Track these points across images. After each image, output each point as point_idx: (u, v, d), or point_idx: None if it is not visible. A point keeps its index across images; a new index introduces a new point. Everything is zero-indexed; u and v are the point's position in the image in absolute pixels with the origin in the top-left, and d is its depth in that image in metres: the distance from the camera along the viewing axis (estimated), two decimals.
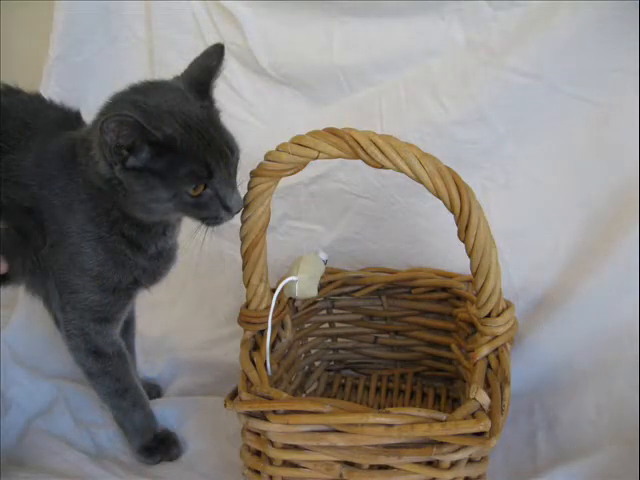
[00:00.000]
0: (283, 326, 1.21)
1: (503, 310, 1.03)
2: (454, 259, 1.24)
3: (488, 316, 1.02)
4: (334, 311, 1.41)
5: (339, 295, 1.39)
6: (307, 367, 1.39)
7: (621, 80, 1.31)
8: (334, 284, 1.37)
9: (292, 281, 1.14)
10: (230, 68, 1.55)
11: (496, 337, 1.04)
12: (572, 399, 1.32)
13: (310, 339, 1.40)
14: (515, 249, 1.39)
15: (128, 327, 1.33)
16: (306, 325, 1.38)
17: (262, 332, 1.15)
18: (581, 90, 1.35)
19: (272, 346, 1.15)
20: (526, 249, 1.42)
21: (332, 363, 1.44)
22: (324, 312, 1.40)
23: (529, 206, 1.43)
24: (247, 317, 1.14)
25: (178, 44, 1.57)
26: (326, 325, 1.42)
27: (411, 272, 1.39)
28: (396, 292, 1.38)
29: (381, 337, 1.42)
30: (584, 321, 1.35)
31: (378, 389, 1.40)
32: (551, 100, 1.36)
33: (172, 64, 1.44)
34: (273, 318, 1.15)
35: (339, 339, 1.43)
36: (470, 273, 1.22)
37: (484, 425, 0.92)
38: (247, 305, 1.15)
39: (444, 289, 1.37)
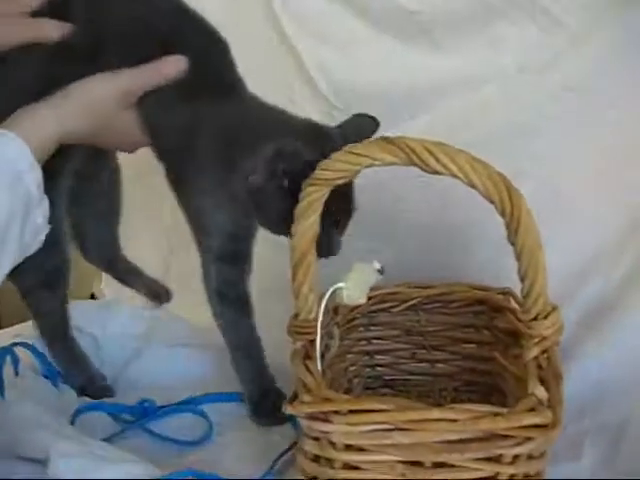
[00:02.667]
0: (331, 336, 1.22)
1: (549, 312, 1.05)
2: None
3: (535, 319, 1.04)
4: (372, 327, 1.43)
5: (377, 312, 1.41)
6: (346, 384, 1.40)
7: None
8: (372, 300, 1.38)
9: (339, 288, 1.15)
10: (299, 91, 1.68)
11: (544, 339, 1.05)
12: (620, 406, 1.33)
13: (348, 356, 1.41)
14: (564, 257, 1.42)
15: None
16: (345, 342, 1.39)
17: (312, 342, 1.16)
18: (627, 105, 1.41)
19: (322, 356, 1.16)
20: (573, 257, 1.47)
21: (370, 380, 1.45)
22: (362, 329, 1.42)
23: (577, 214, 1.48)
24: (297, 327, 1.16)
25: None
26: (364, 342, 1.43)
27: (447, 286, 1.41)
28: (433, 307, 1.40)
29: (419, 352, 1.43)
30: (631, 327, 1.38)
31: None
32: (596, 116, 1.42)
33: None
34: (322, 328, 1.17)
35: (377, 356, 1.45)
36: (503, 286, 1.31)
37: (546, 416, 0.94)
38: (297, 315, 1.16)
39: (480, 302, 1.39)
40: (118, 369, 1.59)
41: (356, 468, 1.02)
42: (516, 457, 0.99)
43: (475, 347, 1.42)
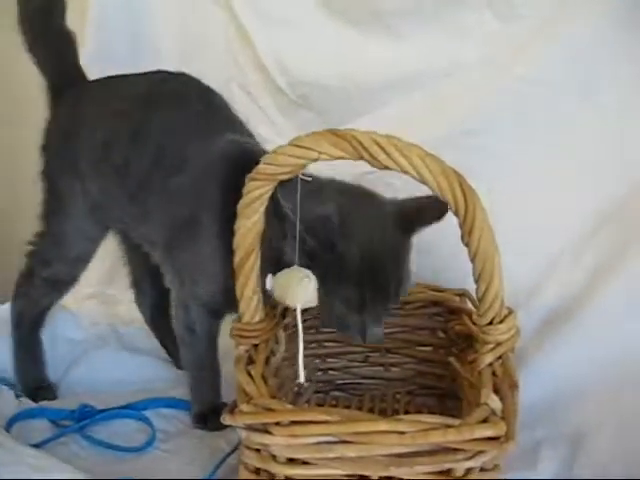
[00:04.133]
0: (277, 340, 1.16)
1: (505, 317, 1.00)
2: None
3: (490, 323, 0.99)
4: (323, 330, 1.36)
5: None
6: (296, 388, 1.33)
7: (631, 87, 1.31)
8: None
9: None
10: (254, 83, 1.56)
11: (499, 344, 1.00)
12: (577, 411, 1.28)
13: None
14: (521, 260, 1.38)
15: None
16: (294, 345, 1.32)
17: (256, 346, 1.10)
18: (590, 97, 1.37)
19: (266, 361, 1.10)
20: (532, 260, 1.42)
21: (321, 384, 1.40)
22: (313, 331, 1.36)
23: (537, 216, 1.43)
24: (241, 331, 1.10)
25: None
26: (315, 345, 1.37)
27: None
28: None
29: (372, 355, 1.38)
30: (590, 333, 1.34)
31: (371, 410, 1.34)
32: (559, 107, 1.38)
33: None
34: (266, 332, 1.11)
35: (328, 359, 1.40)
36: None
37: (499, 428, 0.88)
38: (240, 318, 1.09)
39: (436, 303, 1.34)
40: (60, 373, 1.54)
41: None
42: (468, 470, 0.94)
43: (430, 350, 1.38)
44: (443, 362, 1.32)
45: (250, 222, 1.03)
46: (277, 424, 0.91)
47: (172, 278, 1.36)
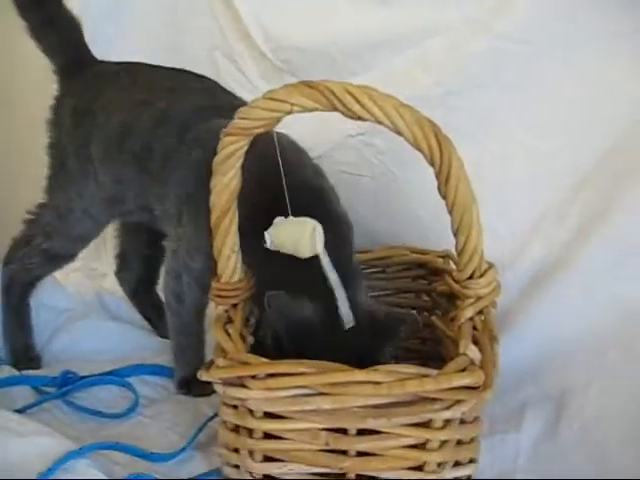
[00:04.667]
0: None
1: (485, 271, 0.98)
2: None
3: (470, 278, 0.97)
4: None
5: None
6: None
7: (612, 45, 1.30)
8: None
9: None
10: (239, 50, 1.63)
11: (480, 299, 0.99)
12: (562, 374, 1.27)
13: None
14: (507, 220, 1.38)
15: None
16: None
17: (235, 306, 1.08)
18: (572, 55, 1.35)
19: (246, 321, 1.09)
20: (517, 220, 1.41)
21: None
22: None
23: (522, 176, 1.41)
24: (219, 291, 1.08)
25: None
26: None
27: (386, 250, 1.35)
28: (371, 272, 1.34)
29: None
30: (575, 294, 1.32)
31: None
32: (542, 66, 1.36)
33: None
34: (245, 292, 1.09)
35: None
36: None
37: (477, 377, 0.87)
38: (219, 278, 1.08)
39: (420, 265, 1.33)
40: (43, 341, 1.52)
41: (277, 437, 0.95)
42: (447, 422, 0.93)
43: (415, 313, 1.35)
44: (427, 325, 1.31)
45: (226, 179, 1.02)
46: (253, 377, 0.91)
47: (168, 251, 1.36)
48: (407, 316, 1.12)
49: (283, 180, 1.06)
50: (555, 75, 1.35)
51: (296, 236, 1.05)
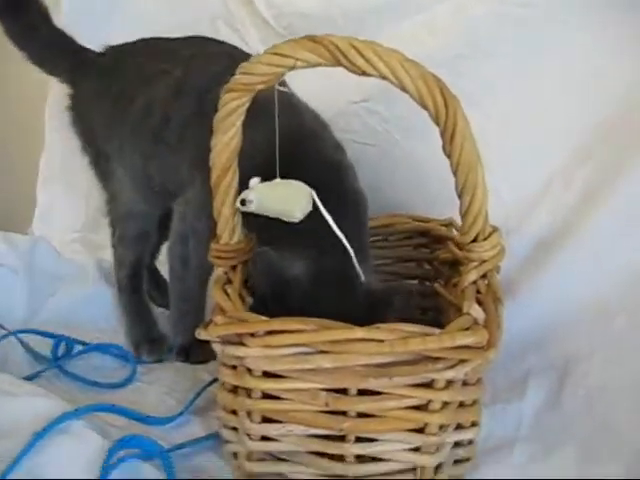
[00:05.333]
0: None
1: (490, 234, 0.96)
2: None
3: (474, 241, 0.95)
4: None
5: None
6: None
7: (621, 8, 1.28)
8: None
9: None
10: (241, 18, 1.63)
11: (484, 262, 0.97)
12: (566, 342, 1.26)
13: None
14: (512, 187, 1.37)
15: None
16: None
17: (234, 267, 1.07)
18: (578, 19, 1.33)
19: (245, 281, 1.07)
20: (523, 187, 1.40)
21: None
22: None
23: (528, 142, 1.39)
24: (218, 252, 1.06)
25: None
26: None
27: (388, 218, 1.33)
28: (373, 240, 1.31)
29: None
30: (581, 260, 1.31)
31: None
32: (548, 30, 1.35)
33: None
34: (245, 253, 1.07)
35: None
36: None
37: (481, 336, 0.86)
38: (218, 239, 1.06)
39: (422, 234, 1.31)
40: (38, 306, 1.51)
41: (276, 398, 0.93)
42: (450, 383, 0.91)
43: (416, 283, 1.34)
44: (430, 294, 1.29)
45: (227, 137, 1.00)
46: (252, 335, 0.89)
47: (176, 214, 1.34)
48: (401, 287, 1.10)
49: (277, 142, 1.03)
50: (563, 39, 1.33)
51: (288, 198, 1.03)
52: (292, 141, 1.08)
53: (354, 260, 1.05)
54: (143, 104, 1.34)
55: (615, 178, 1.31)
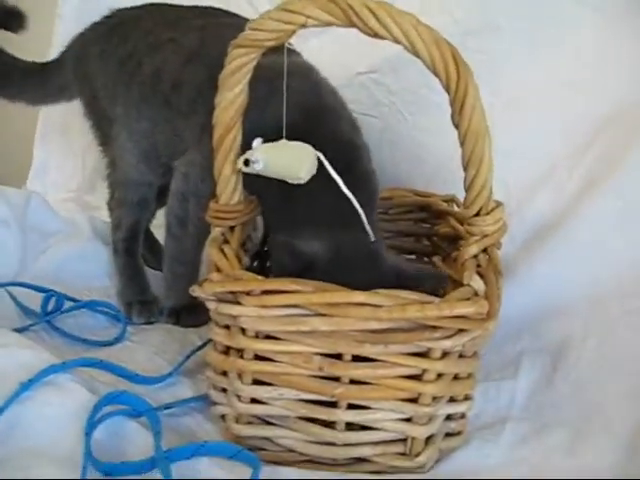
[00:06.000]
0: (255, 227, 1.11)
1: (493, 209, 0.95)
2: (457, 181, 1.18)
3: (477, 215, 0.93)
4: None
5: None
6: None
7: None
8: None
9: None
10: None
11: (485, 236, 0.95)
12: (561, 325, 1.25)
13: None
14: (516, 168, 1.35)
15: None
16: None
17: (232, 229, 1.05)
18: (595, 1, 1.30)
19: (242, 244, 1.05)
20: (526, 169, 1.38)
21: None
22: None
23: (534, 123, 1.38)
24: (217, 212, 1.05)
25: None
26: None
27: (388, 191, 1.32)
28: None
29: None
30: (580, 245, 1.30)
31: None
32: (563, 10, 1.33)
33: None
34: (244, 215, 1.06)
35: None
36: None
37: (481, 306, 0.84)
38: (217, 199, 1.04)
39: (422, 208, 1.30)
40: (30, 262, 1.48)
41: (268, 360, 0.92)
42: (446, 354, 0.89)
43: (415, 258, 1.32)
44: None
45: (232, 94, 0.98)
46: (247, 294, 0.87)
47: (178, 174, 1.31)
48: (437, 274, 1.09)
49: (284, 101, 1.00)
50: (574, 20, 1.32)
51: (293, 159, 1.00)
52: (310, 118, 1.08)
53: (366, 224, 1.02)
54: (152, 70, 1.32)
55: (617, 168, 1.30)
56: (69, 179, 1.85)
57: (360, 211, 1.02)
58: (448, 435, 0.98)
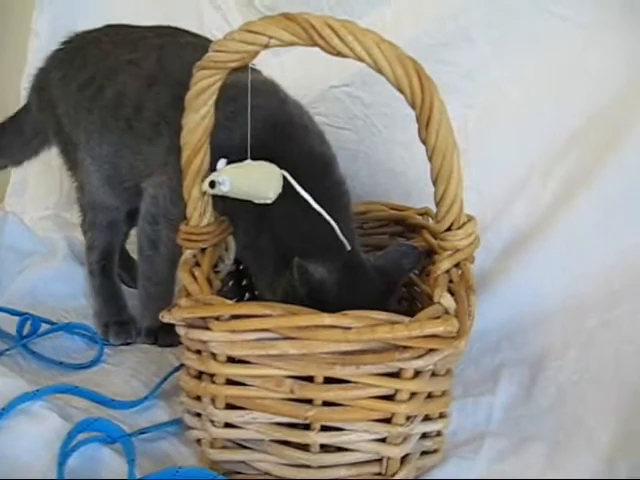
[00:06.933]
0: (226, 247, 1.10)
1: (464, 223, 0.94)
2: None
3: (449, 229, 0.93)
4: None
5: None
6: None
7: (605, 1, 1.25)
8: None
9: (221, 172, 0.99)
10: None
11: (458, 251, 0.95)
12: (540, 337, 1.25)
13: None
14: (491, 179, 1.36)
15: None
16: None
17: (203, 251, 1.04)
18: (566, 10, 1.31)
19: (214, 266, 1.05)
20: (501, 180, 1.38)
21: None
22: None
23: (508, 134, 1.38)
24: (188, 234, 1.04)
25: None
26: None
27: (363, 205, 1.31)
28: None
29: None
30: (557, 256, 1.30)
31: None
32: (535, 20, 1.33)
33: None
34: (215, 237, 1.05)
35: None
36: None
37: (451, 325, 0.83)
38: (187, 222, 1.04)
39: (397, 222, 1.29)
40: (5, 284, 1.48)
41: (240, 384, 0.91)
42: (418, 373, 0.89)
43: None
44: (405, 284, 1.26)
45: (198, 116, 0.97)
46: (216, 319, 0.87)
47: (147, 196, 1.29)
48: (407, 248, 1.11)
49: (249, 122, 1.00)
50: (546, 30, 1.31)
51: (260, 179, 1.00)
52: (279, 133, 1.09)
53: (340, 235, 1.04)
54: (113, 94, 1.31)
55: (591, 177, 1.30)
56: (47, 196, 1.84)
57: (333, 224, 1.02)
58: (425, 453, 0.97)
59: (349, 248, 1.04)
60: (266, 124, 1.06)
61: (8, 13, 1.89)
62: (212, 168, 1.00)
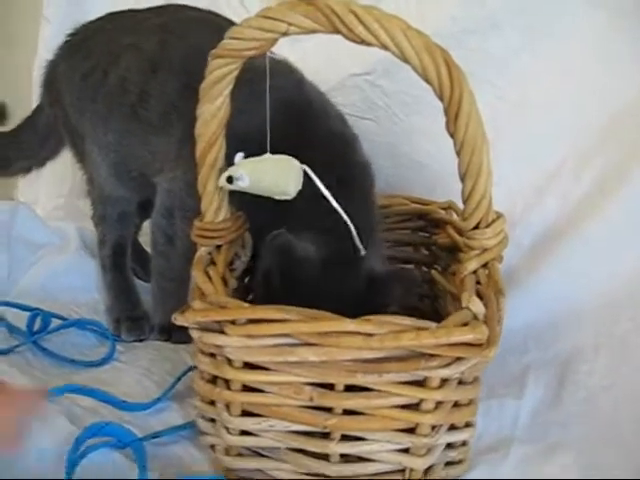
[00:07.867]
0: (243, 244, 1.05)
1: (493, 221, 0.89)
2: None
3: (476, 227, 0.88)
4: None
5: None
6: None
7: None
8: None
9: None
10: None
11: (485, 251, 0.90)
12: (570, 338, 1.20)
13: None
14: (520, 174, 1.30)
15: None
16: None
17: (219, 247, 0.99)
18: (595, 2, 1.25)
19: (230, 263, 1.00)
20: (532, 174, 1.33)
21: None
22: None
23: (539, 127, 1.32)
24: (202, 231, 1.00)
25: None
26: None
27: (385, 198, 1.26)
28: None
29: None
30: (589, 253, 1.25)
31: None
32: (565, 6, 1.26)
33: None
34: (231, 233, 1.00)
35: None
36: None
37: (480, 333, 0.78)
38: (202, 217, 0.99)
39: (420, 216, 1.24)
40: (17, 276, 1.44)
41: (257, 390, 0.87)
42: (444, 381, 0.84)
43: (413, 268, 1.27)
44: (425, 281, 1.23)
45: (214, 107, 0.92)
46: (232, 323, 0.82)
47: (162, 190, 1.26)
48: (405, 274, 1.06)
49: (267, 112, 0.95)
50: (583, 17, 1.25)
51: (280, 174, 0.95)
52: (299, 114, 1.06)
53: (356, 239, 0.99)
54: (116, 80, 1.27)
55: (625, 173, 1.24)
56: (61, 184, 1.80)
57: (349, 223, 0.99)
58: (449, 464, 0.92)
59: (363, 253, 1.00)
60: (284, 105, 1.02)
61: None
62: (228, 157, 0.95)
